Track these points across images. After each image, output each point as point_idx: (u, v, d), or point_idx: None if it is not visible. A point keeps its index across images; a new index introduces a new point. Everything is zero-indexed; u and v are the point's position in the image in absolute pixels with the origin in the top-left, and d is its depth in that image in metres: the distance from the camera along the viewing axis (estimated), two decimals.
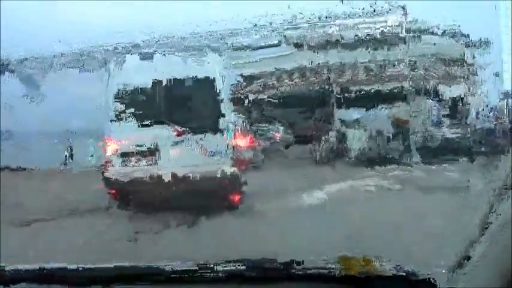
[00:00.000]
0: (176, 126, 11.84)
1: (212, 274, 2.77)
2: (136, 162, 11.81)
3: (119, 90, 12.15)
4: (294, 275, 2.73)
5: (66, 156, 14.47)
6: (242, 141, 12.50)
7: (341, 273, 2.65)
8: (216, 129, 11.89)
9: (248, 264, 2.79)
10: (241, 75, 15.06)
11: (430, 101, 15.02)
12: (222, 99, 12.13)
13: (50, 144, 14.54)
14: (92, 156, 14.42)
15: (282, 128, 15.10)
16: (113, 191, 11.79)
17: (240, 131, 12.47)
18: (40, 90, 15.45)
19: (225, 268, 2.78)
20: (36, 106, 15.21)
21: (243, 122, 13.17)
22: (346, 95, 15.22)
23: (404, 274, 2.64)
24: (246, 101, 14.51)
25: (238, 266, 2.79)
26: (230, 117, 12.15)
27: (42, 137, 14.59)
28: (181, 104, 12.19)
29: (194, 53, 12.81)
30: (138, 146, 11.80)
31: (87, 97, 14.33)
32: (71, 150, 14.60)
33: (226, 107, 12.13)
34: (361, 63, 15.21)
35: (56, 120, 14.59)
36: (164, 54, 12.81)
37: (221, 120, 11.97)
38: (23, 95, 15.50)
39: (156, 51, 13.17)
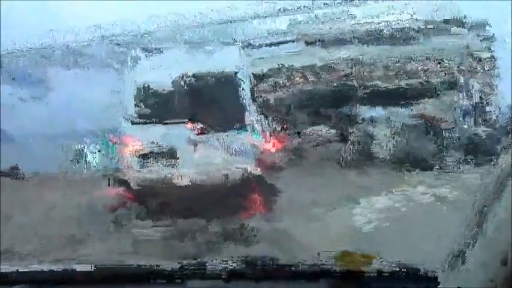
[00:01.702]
0: (197, 124, 11.00)
1: (212, 273, 2.73)
2: (155, 163, 10.92)
3: (136, 87, 11.31)
4: (296, 273, 2.70)
5: (73, 160, 13.26)
6: (270, 141, 11.55)
7: (342, 269, 2.62)
8: (239, 128, 11.11)
9: (249, 262, 2.77)
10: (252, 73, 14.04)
11: (459, 96, 14.11)
12: (246, 96, 11.27)
13: (52, 148, 13.35)
14: (95, 159, 13.38)
15: (325, 127, 14.04)
16: (130, 195, 10.85)
17: (266, 130, 11.55)
18: (40, 89, 14.28)
19: (226, 266, 2.74)
20: (36, 106, 14.06)
21: (268, 120, 12.18)
22: (370, 91, 14.30)
23: (406, 270, 2.60)
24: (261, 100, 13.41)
25: (239, 264, 2.75)
26: (255, 115, 11.28)
27: (42, 140, 13.41)
28: (202, 101, 11.29)
29: (210, 46, 11.98)
30: (157, 146, 10.94)
31: (92, 96, 13.43)
32: (77, 154, 13.42)
33: (250, 104, 11.24)
34: (388, 57, 14.28)
35: (58, 121, 13.49)
36: (184, 47, 11.95)
37: (245, 117, 11.19)
38: (20, 96, 14.33)
39: (169, 46, 12.30)
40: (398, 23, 14.29)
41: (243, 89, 11.30)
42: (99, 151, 13.00)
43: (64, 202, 10.96)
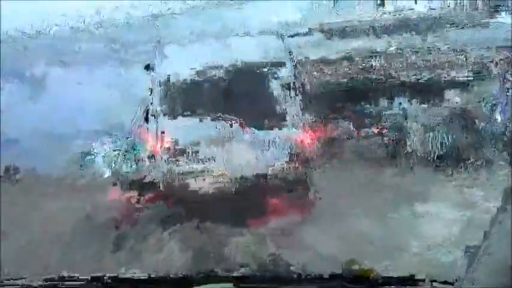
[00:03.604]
0: (230, 119, 10.29)
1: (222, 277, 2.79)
2: (185, 160, 10.22)
3: (162, 81, 10.57)
4: (305, 276, 2.77)
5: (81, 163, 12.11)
6: (308, 136, 10.64)
7: (353, 275, 2.69)
8: (276, 122, 10.42)
9: (260, 268, 3.25)
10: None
11: (497, 87, 13.29)
12: (283, 87, 10.60)
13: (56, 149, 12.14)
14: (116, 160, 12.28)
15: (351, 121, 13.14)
16: (154, 197, 10.19)
17: (304, 124, 10.64)
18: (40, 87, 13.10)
19: (238, 272, 2.82)
20: (36, 106, 12.86)
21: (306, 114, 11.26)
22: (401, 82, 13.46)
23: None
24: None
25: (251, 270, 3.09)
26: (294, 108, 10.36)
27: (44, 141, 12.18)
28: (235, 94, 10.51)
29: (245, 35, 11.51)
30: (186, 142, 10.24)
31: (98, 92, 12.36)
32: (84, 157, 12.27)
33: (290, 96, 10.47)
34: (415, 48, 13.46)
35: (62, 121, 12.33)
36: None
37: (282, 111, 10.53)
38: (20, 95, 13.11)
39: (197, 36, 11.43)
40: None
41: (280, 80, 10.45)
42: (119, 151, 11.90)
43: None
